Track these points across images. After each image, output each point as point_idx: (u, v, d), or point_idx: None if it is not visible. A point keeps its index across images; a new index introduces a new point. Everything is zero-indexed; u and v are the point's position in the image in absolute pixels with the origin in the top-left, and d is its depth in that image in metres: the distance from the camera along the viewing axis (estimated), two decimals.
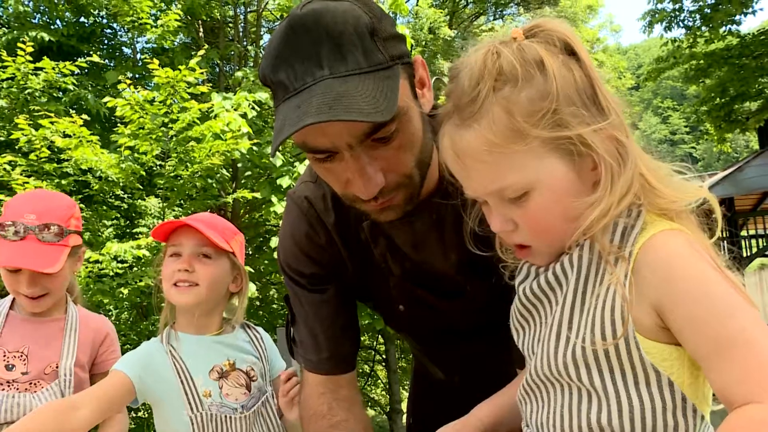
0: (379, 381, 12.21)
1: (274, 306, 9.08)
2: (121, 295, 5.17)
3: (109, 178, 5.67)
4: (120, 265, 5.35)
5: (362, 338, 8.60)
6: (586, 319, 0.84)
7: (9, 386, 1.60)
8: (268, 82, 1.01)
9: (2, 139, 6.28)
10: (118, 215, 6.70)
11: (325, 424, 1.34)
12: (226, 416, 1.52)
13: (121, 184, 5.83)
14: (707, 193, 0.86)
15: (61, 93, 6.62)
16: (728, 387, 0.75)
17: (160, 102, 5.64)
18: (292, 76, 0.96)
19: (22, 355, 1.64)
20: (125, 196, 6.55)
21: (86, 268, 5.14)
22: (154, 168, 6.01)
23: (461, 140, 0.86)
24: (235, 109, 6.18)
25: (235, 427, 1.53)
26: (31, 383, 1.62)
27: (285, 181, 6.41)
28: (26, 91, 5.89)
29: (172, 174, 5.69)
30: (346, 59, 0.95)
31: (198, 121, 5.76)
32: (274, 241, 6.74)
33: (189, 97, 5.79)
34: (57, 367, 1.66)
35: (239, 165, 7.35)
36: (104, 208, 6.40)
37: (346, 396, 1.37)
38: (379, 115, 0.91)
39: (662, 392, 0.81)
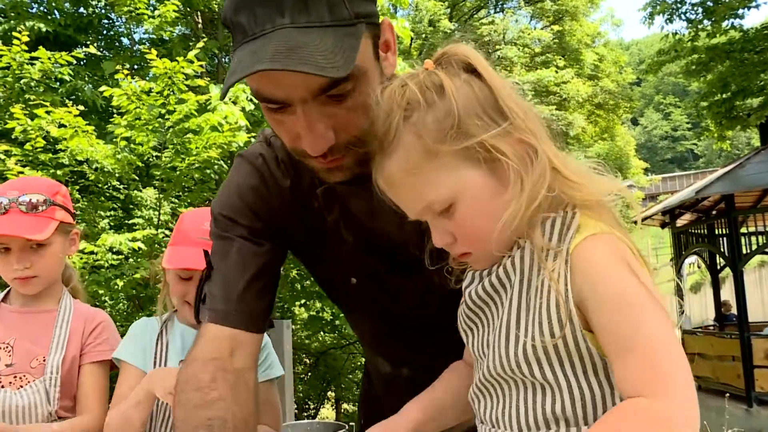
0: None
1: None
2: (116, 287, 5.14)
3: (105, 169, 5.62)
4: (115, 257, 5.32)
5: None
6: (532, 317, 0.89)
7: None
8: (228, 23, 1.00)
9: None
10: (115, 206, 6.66)
11: (197, 398, 1.14)
12: None
13: (117, 174, 5.78)
14: (622, 187, 0.93)
15: (57, 83, 6.57)
16: (625, 382, 0.81)
17: (157, 93, 5.60)
18: (252, 21, 0.95)
19: (7, 347, 1.61)
20: (121, 186, 6.51)
21: (81, 259, 5.11)
22: (151, 159, 5.97)
23: (386, 169, 0.94)
24: (233, 102, 6.12)
25: None
26: (15, 376, 1.59)
27: None
28: (22, 81, 5.84)
29: (168, 165, 5.65)
30: (309, 10, 0.94)
31: (195, 113, 5.71)
32: None
33: (186, 88, 5.75)
34: (44, 361, 1.62)
35: None
36: (101, 199, 6.36)
37: (238, 369, 1.20)
38: (334, 71, 0.90)
39: (610, 379, 0.87)
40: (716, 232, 9.56)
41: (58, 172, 5.51)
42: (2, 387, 1.56)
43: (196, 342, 1.22)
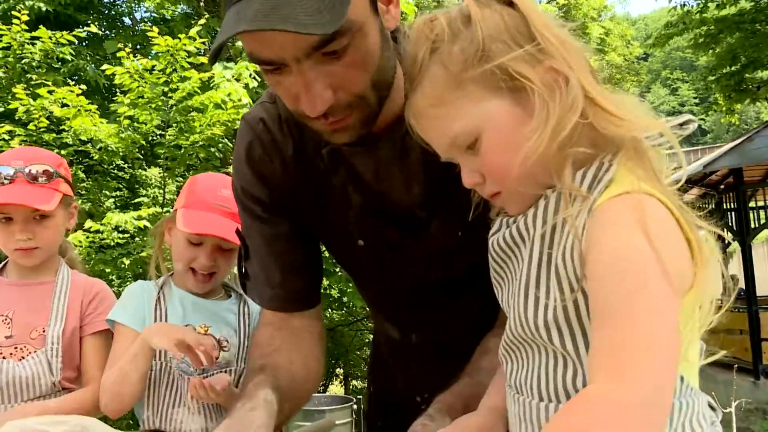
0: None
1: None
2: (122, 265, 5.14)
3: (109, 148, 5.60)
4: (121, 236, 5.32)
5: (368, 309, 8.58)
6: (553, 274, 0.83)
7: None
8: None
9: (1, 109, 6.21)
10: (120, 186, 6.65)
11: (258, 353, 1.27)
12: (180, 373, 1.54)
13: (121, 153, 5.75)
14: (664, 127, 0.85)
15: (59, 63, 6.53)
16: (592, 354, 0.74)
17: (159, 71, 5.55)
18: None
19: (6, 319, 1.60)
20: (126, 166, 6.49)
21: (87, 237, 5.11)
22: (155, 138, 5.94)
23: (414, 104, 0.91)
24: (236, 80, 6.07)
25: (184, 386, 1.56)
26: (16, 347, 1.58)
27: None
28: (23, 61, 5.81)
29: (172, 143, 5.61)
30: None
31: (198, 91, 5.67)
32: None
33: (189, 66, 5.70)
34: (44, 332, 1.62)
35: None
36: (106, 178, 6.35)
37: (296, 326, 1.30)
38: (318, 28, 0.86)
39: None
40: (724, 207, 9.49)
41: (62, 152, 5.49)
42: (3, 358, 1.56)
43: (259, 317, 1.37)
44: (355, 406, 3.89)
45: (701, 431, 0.83)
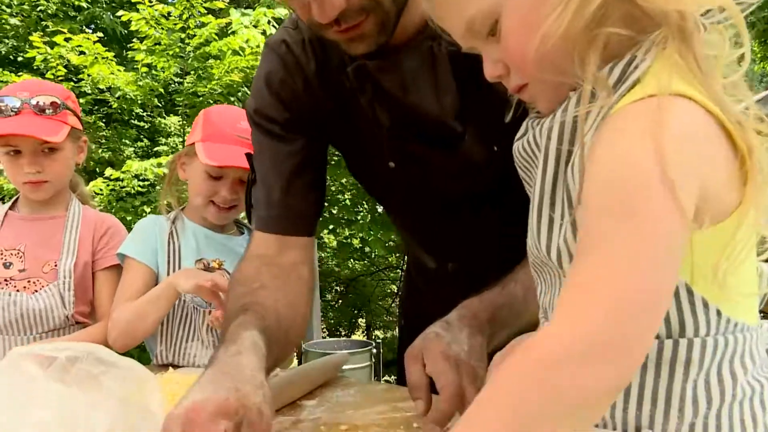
0: None
1: None
2: (144, 214, 5.16)
3: (128, 96, 5.56)
4: (142, 184, 5.33)
5: (390, 258, 8.60)
6: (566, 193, 0.70)
7: (6, 284, 1.56)
8: None
9: (20, 59, 6.19)
10: (140, 136, 6.63)
11: (240, 290, 1.15)
12: (195, 307, 1.52)
13: (139, 101, 5.72)
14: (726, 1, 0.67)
15: (75, 11, 6.46)
16: (561, 291, 0.64)
17: (176, 17, 5.46)
18: None
19: (19, 253, 1.59)
20: (145, 114, 6.46)
21: (108, 186, 5.12)
22: (173, 85, 5.88)
23: None
24: (254, 26, 5.96)
25: (198, 320, 1.54)
26: (29, 281, 1.57)
27: None
28: (39, 9, 5.75)
29: (190, 91, 5.56)
30: None
31: (216, 37, 5.58)
32: None
33: (206, 12, 5.60)
34: (56, 266, 1.60)
35: None
36: (126, 127, 6.34)
37: (286, 264, 1.20)
38: None
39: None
40: None
41: (81, 101, 5.47)
42: (17, 291, 1.55)
43: (246, 248, 1.25)
44: (374, 350, 3.88)
45: (744, 373, 0.70)
